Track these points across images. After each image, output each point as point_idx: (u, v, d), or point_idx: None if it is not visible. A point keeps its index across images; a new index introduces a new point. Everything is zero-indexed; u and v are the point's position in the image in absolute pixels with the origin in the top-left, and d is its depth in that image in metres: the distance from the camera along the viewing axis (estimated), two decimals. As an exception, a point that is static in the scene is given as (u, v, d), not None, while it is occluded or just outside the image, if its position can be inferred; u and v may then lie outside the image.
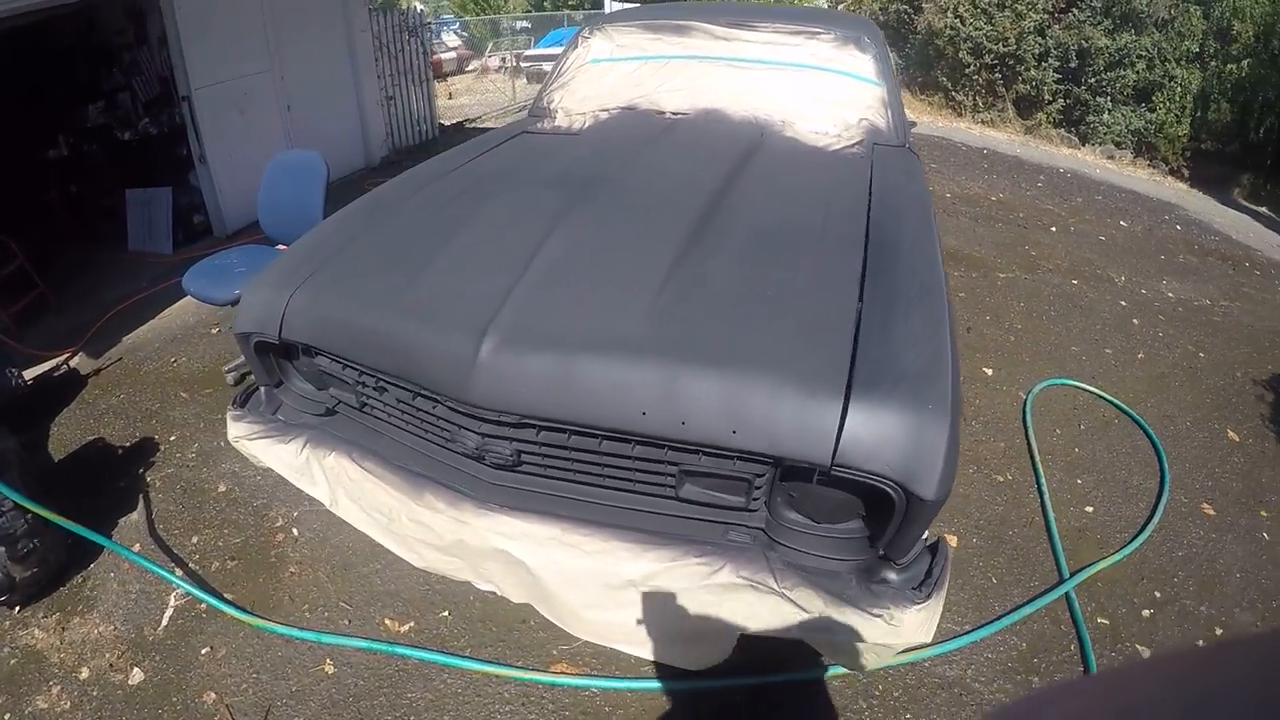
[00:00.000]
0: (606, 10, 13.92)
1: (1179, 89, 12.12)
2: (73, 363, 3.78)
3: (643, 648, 1.64)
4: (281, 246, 3.40)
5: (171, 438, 3.08)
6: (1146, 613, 2.44)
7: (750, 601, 1.51)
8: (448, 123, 8.79)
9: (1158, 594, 2.52)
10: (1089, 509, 2.89)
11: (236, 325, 1.96)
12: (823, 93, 3.16)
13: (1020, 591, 2.45)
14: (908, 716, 2.01)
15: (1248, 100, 11.27)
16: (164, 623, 2.24)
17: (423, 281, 1.82)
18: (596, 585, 1.61)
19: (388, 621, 2.22)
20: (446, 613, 2.26)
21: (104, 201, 5.46)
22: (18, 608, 2.28)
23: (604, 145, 2.77)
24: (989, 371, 3.78)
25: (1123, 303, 5.15)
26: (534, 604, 1.73)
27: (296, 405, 2.12)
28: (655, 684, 2.01)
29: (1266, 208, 11.14)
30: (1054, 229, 6.93)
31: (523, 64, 12.45)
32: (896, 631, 1.46)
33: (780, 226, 2.10)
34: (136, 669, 2.10)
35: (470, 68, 14.73)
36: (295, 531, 2.55)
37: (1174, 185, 11.13)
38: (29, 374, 3.50)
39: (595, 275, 1.80)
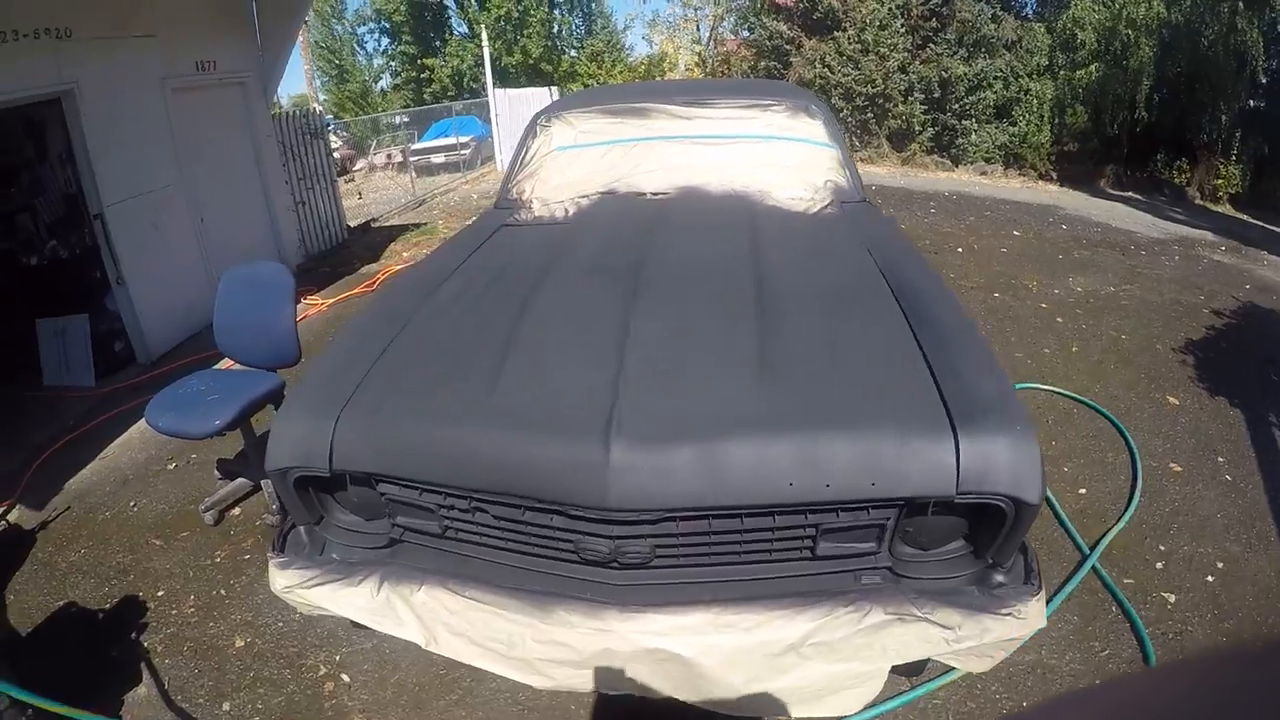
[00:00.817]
0: (491, 101, 14.08)
1: (1035, 100, 13.39)
2: (12, 517, 3.42)
3: (807, 706, 1.65)
4: (233, 365, 3.24)
5: (159, 593, 2.81)
6: (1159, 565, 2.79)
7: (899, 634, 1.59)
8: (354, 224, 8.61)
9: (1162, 547, 2.89)
10: (1082, 490, 3.25)
11: (271, 461, 1.81)
12: (789, 161, 3.31)
13: (1053, 574, 2.70)
14: (1010, 703, 2.19)
15: (1099, 100, 12.51)
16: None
17: (506, 387, 1.75)
18: (758, 659, 1.61)
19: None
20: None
21: (10, 333, 5.04)
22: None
23: (611, 230, 2.81)
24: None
25: (1043, 305, 5.68)
26: (682, 696, 1.67)
27: (346, 541, 1.97)
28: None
29: (1131, 191, 12.41)
30: (960, 249, 7.42)
31: (410, 159, 12.50)
32: (1025, 623, 1.61)
33: (818, 289, 2.20)
34: None
35: (357, 166, 14.61)
36: (345, 677, 2.36)
37: (1047, 189, 12.25)
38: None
39: (690, 357, 1.82)
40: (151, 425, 2.93)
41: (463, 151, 13.58)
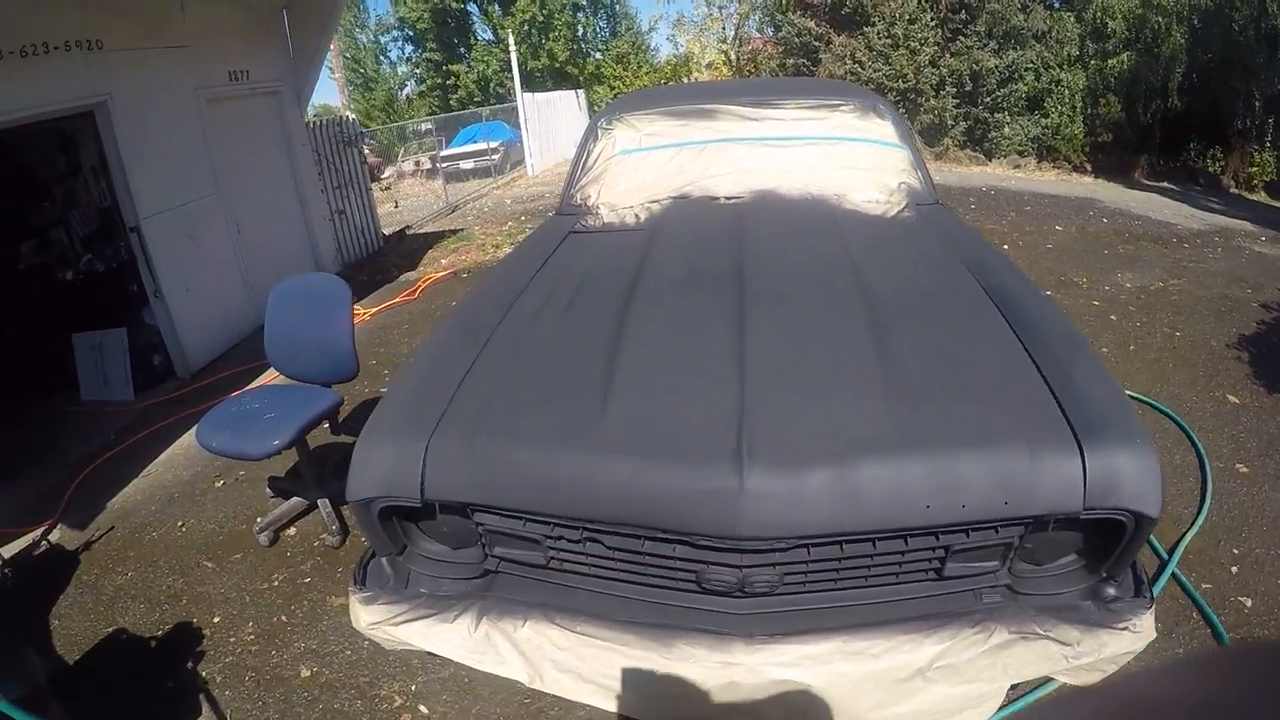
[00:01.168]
0: (520, 106, 14.00)
1: (1067, 91, 13.09)
2: (54, 537, 3.31)
3: None
4: (290, 381, 3.11)
5: (214, 619, 2.67)
6: (1234, 569, 2.68)
7: (1020, 652, 1.56)
8: (388, 231, 8.53)
9: (1235, 550, 2.77)
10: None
11: (354, 490, 1.67)
12: (862, 163, 3.22)
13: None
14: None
15: (1131, 89, 12.21)
16: None
17: (618, 408, 1.64)
18: (886, 685, 1.56)
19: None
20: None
21: (49, 348, 4.95)
22: None
23: (693, 237, 2.68)
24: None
25: (1095, 302, 5.50)
26: None
27: (434, 572, 1.82)
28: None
29: (1166, 181, 12.10)
30: (1006, 246, 7.20)
31: (440, 165, 12.47)
32: (1139, 637, 1.59)
33: (918, 297, 2.11)
34: None
35: (385, 174, 14.61)
36: (424, 708, 2.18)
37: (1082, 181, 11.96)
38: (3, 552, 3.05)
39: (811, 374, 1.74)
40: (205, 446, 2.80)
41: (492, 157, 13.52)
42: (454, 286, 6.58)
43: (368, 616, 1.77)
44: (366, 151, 15.93)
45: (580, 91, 19.31)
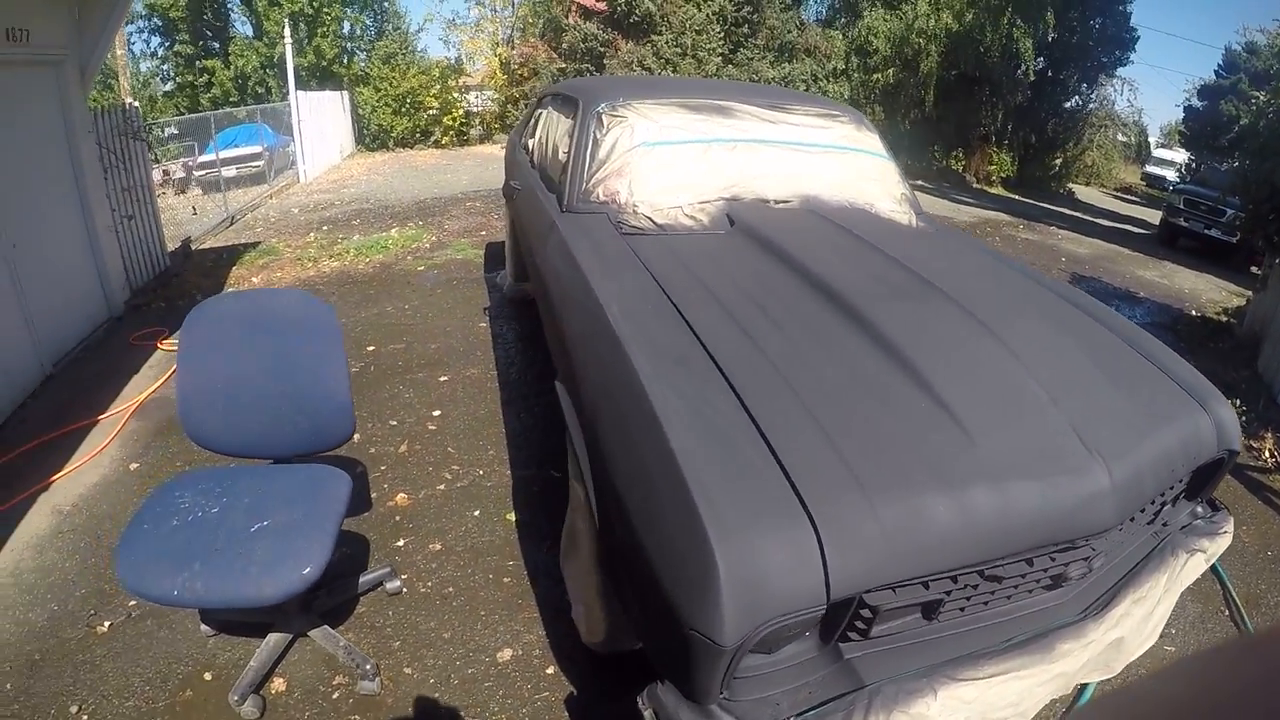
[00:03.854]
0: (293, 105, 12.21)
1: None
2: None
3: (1145, 642, 1.79)
4: (232, 459, 2.13)
5: None
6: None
7: (1191, 567, 1.89)
8: (170, 248, 6.82)
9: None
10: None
11: (731, 629, 1.17)
12: (873, 173, 3.28)
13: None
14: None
15: (892, 100, 13.73)
16: None
17: (979, 430, 1.52)
18: (1152, 617, 1.77)
19: None
20: None
21: None
22: None
23: (789, 244, 2.41)
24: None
25: None
26: (1099, 676, 1.74)
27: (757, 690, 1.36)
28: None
29: (921, 180, 13.78)
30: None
31: (194, 174, 10.68)
32: (1230, 535, 2.02)
33: (1004, 303, 2.19)
34: None
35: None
36: None
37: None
38: None
39: (1041, 383, 1.76)
40: (147, 598, 1.76)
41: (256, 163, 11.59)
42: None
43: None
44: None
45: (345, 93, 17.51)
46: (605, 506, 1.61)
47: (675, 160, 2.92)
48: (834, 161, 3.20)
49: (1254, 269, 10.94)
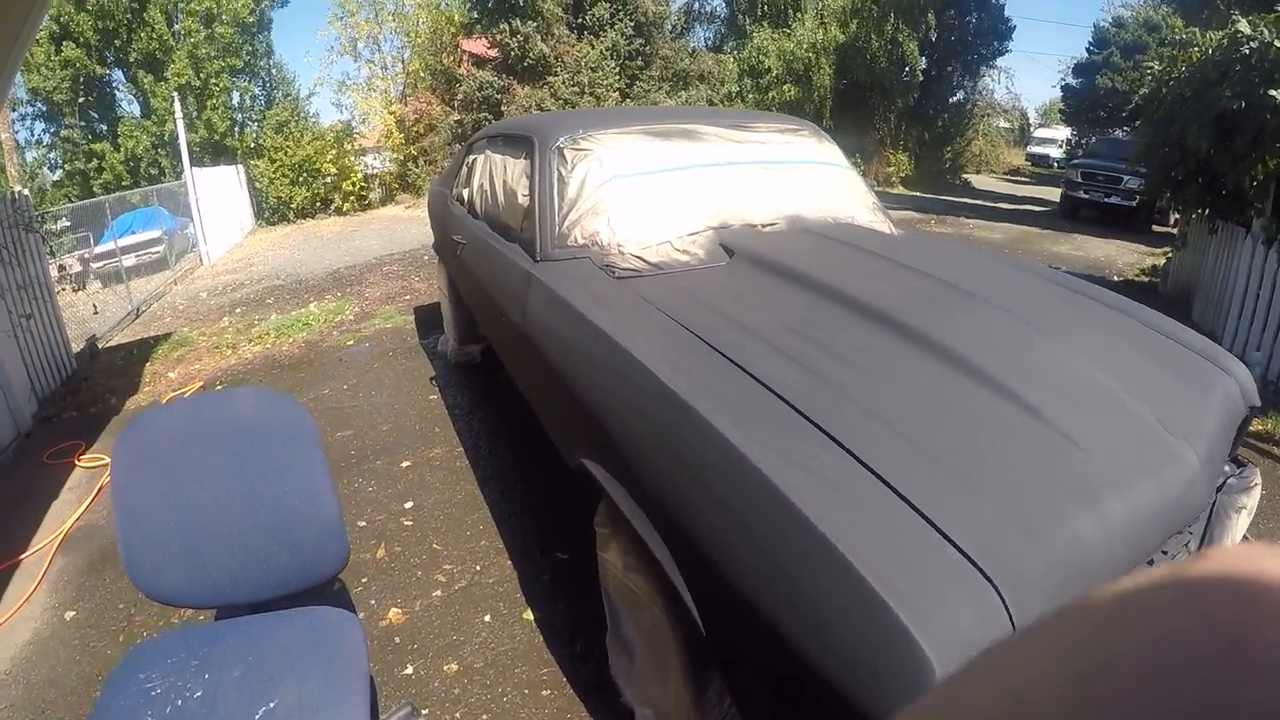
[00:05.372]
0: (189, 183, 11.53)
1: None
2: None
3: None
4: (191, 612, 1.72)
5: None
6: None
7: (1243, 522, 1.88)
8: (75, 349, 6.14)
9: None
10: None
11: None
12: (844, 184, 3.24)
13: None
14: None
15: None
16: None
17: (1086, 439, 1.46)
18: None
19: None
20: None
21: None
22: None
23: (811, 269, 2.27)
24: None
25: None
26: None
27: None
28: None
29: None
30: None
31: (93, 265, 9.95)
32: (1259, 488, 1.97)
33: (1032, 300, 2.16)
34: None
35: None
36: None
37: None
38: None
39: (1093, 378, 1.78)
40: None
41: (156, 249, 10.83)
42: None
43: None
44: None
45: (239, 166, 16.75)
46: (711, 604, 1.36)
47: (653, 191, 2.73)
48: (807, 177, 3.14)
49: (1155, 228, 11.56)
